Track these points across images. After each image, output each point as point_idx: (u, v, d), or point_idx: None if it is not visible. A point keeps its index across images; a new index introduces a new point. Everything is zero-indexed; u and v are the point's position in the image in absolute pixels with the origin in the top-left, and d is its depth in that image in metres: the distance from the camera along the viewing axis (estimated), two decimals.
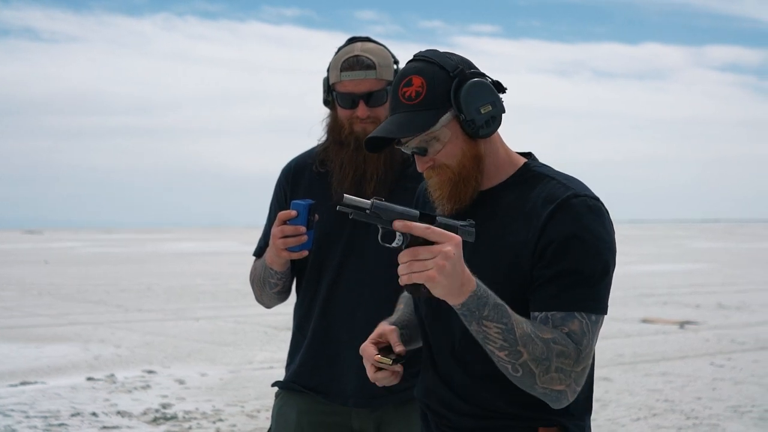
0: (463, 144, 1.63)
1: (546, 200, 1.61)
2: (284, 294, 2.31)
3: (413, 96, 1.61)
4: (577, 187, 1.63)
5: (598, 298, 1.58)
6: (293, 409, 2.26)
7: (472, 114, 1.60)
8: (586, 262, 1.57)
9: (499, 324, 1.51)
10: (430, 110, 1.60)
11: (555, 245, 1.57)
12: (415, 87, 1.61)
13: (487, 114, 1.62)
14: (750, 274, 19.03)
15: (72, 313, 11.82)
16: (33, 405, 6.17)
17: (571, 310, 1.56)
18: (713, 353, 8.47)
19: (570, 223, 1.58)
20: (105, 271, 20.47)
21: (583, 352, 1.55)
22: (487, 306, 1.51)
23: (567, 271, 1.57)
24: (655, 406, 6.17)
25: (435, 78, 1.61)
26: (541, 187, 1.64)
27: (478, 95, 1.61)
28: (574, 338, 1.55)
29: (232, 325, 10.54)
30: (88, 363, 7.92)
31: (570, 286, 1.57)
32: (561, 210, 1.59)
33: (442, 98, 1.61)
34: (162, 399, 6.42)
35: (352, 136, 2.21)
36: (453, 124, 1.62)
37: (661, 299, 13.43)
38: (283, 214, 2.11)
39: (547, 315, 1.57)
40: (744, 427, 5.59)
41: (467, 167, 1.63)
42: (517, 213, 1.63)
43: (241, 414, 6.00)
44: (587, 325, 1.56)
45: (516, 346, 1.51)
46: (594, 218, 1.60)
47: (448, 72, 1.62)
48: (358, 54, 2.21)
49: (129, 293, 14.65)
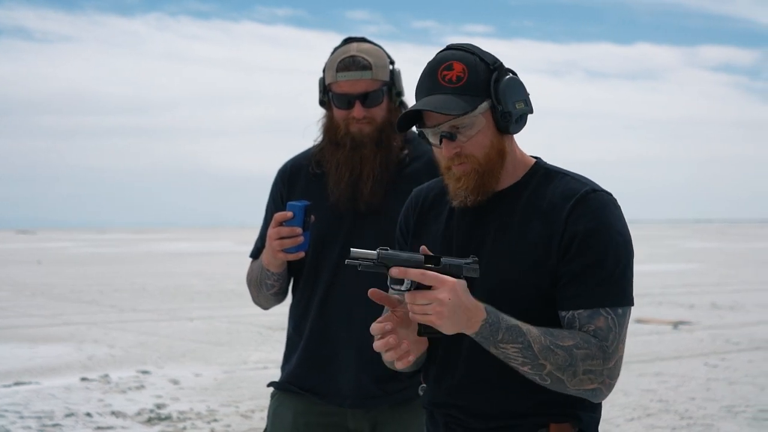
0: (493, 136, 1.65)
1: (564, 196, 1.64)
2: (281, 295, 2.30)
3: (454, 79, 1.62)
4: (591, 183, 1.67)
5: (622, 290, 1.62)
6: (289, 410, 2.26)
7: (509, 107, 1.63)
8: (608, 255, 1.61)
9: (516, 344, 1.56)
10: (471, 95, 1.62)
11: (578, 240, 1.61)
12: (457, 71, 1.63)
13: (521, 110, 1.65)
14: (744, 274, 19.07)
15: (66, 313, 11.79)
16: (27, 405, 6.15)
17: (596, 307, 1.60)
18: (707, 353, 8.49)
19: (591, 217, 1.61)
20: (99, 271, 20.43)
21: (611, 347, 1.59)
22: (500, 330, 1.55)
23: (590, 266, 1.60)
24: (649, 407, 6.18)
25: (477, 66, 1.63)
26: (557, 184, 1.66)
27: (516, 90, 1.64)
28: (600, 335, 1.59)
29: (226, 326, 10.52)
30: (82, 363, 7.90)
31: (595, 283, 1.60)
32: (580, 204, 1.62)
33: (483, 86, 1.63)
34: (156, 399, 6.41)
35: (348, 137, 2.21)
36: (488, 114, 1.64)
37: (655, 299, 13.46)
38: (279, 215, 2.10)
39: (574, 314, 1.61)
40: (738, 427, 5.60)
41: (493, 160, 1.65)
42: (535, 211, 1.65)
43: (235, 414, 5.99)
44: (613, 320, 1.60)
45: (537, 360, 1.56)
46: (612, 211, 1.64)
47: (487, 64, 1.64)
48: (354, 54, 2.20)
49: (123, 293, 14.63)
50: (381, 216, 2.20)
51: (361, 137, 2.20)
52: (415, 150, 2.25)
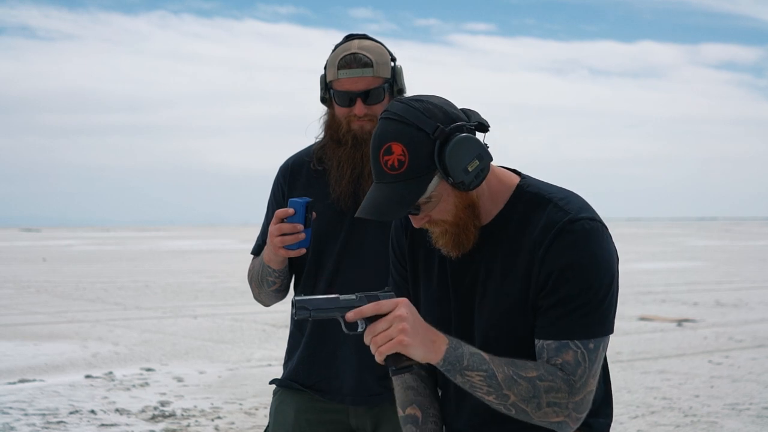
0: (455, 198, 1.59)
1: (545, 228, 1.60)
2: (282, 292, 2.31)
3: (396, 165, 1.54)
4: (573, 209, 1.61)
5: (597, 321, 1.58)
6: (291, 407, 2.26)
7: (460, 176, 1.55)
8: (583, 288, 1.58)
9: (480, 372, 1.54)
10: (416, 179, 1.55)
11: (554, 276, 1.58)
12: (396, 155, 1.54)
13: (475, 170, 1.56)
14: (747, 272, 19.04)
15: (70, 310, 11.81)
16: (31, 403, 6.16)
17: (565, 339, 1.57)
18: (711, 351, 8.48)
19: (568, 252, 1.58)
20: (102, 268, 20.46)
21: (578, 382, 1.56)
22: (464, 356, 1.54)
23: (564, 299, 1.57)
24: (653, 404, 6.18)
25: (415, 143, 1.54)
26: (539, 214, 1.62)
27: (464, 154, 1.54)
28: (567, 369, 1.57)
29: (230, 323, 10.53)
30: (87, 361, 7.92)
31: (565, 314, 1.57)
32: (558, 238, 1.58)
33: (426, 163, 1.54)
34: (160, 396, 6.42)
35: (350, 134, 2.21)
36: (442, 183, 1.57)
37: (659, 297, 13.44)
38: (281, 212, 2.10)
39: (543, 344, 1.59)
40: (742, 425, 5.60)
41: (463, 217, 1.61)
42: (520, 247, 1.62)
43: (239, 411, 6.00)
44: (582, 354, 1.57)
45: (501, 390, 1.54)
46: (591, 241, 1.58)
47: (427, 134, 1.54)
48: (355, 52, 2.20)
49: (127, 291, 14.64)
50: None
51: (363, 135, 2.20)
52: None
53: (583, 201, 1.65)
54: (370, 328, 1.52)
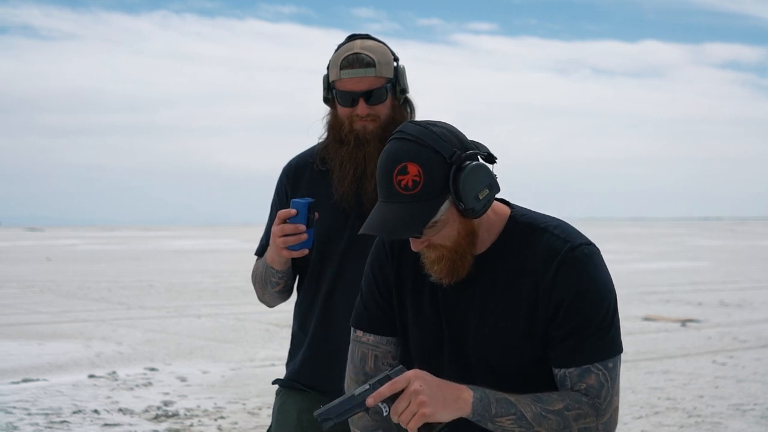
0: (459, 225, 1.60)
1: (547, 257, 1.62)
2: (286, 293, 2.30)
3: (410, 185, 1.54)
4: (570, 237, 1.64)
5: (611, 343, 1.63)
6: (294, 408, 2.26)
7: (471, 203, 1.56)
8: (595, 313, 1.61)
9: (509, 416, 1.57)
10: (429, 201, 1.55)
11: (565, 305, 1.61)
12: (412, 176, 1.54)
13: (485, 198, 1.58)
14: (751, 272, 19.01)
15: (73, 310, 11.83)
16: (35, 402, 6.17)
17: (586, 364, 1.61)
18: (715, 351, 8.46)
19: (574, 280, 1.61)
20: (106, 268, 20.48)
21: (603, 403, 1.61)
22: (492, 404, 1.57)
23: (578, 327, 1.61)
24: (657, 404, 6.16)
25: (432, 165, 1.54)
26: (537, 243, 1.64)
27: (477, 181, 1.56)
28: (592, 393, 1.61)
29: (233, 323, 10.54)
30: (90, 360, 7.93)
31: (583, 341, 1.61)
32: (564, 266, 1.61)
33: (440, 185, 1.55)
34: (164, 396, 6.43)
35: (353, 134, 2.20)
36: (450, 209, 1.58)
37: (663, 297, 13.42)
38: (283, 212, 2.10)
39: (565, 373, 1.62)
40: (746, 425, 5.58)
41: (463, 245, 1.61)
42: (520, 275, 1.64)
43: (242, 411, 6.00)
44: (604, 375, 1.62)
45: (532, 428, 1.58)
46: (594, 266, 1.63)
47: (444, 158, 1.55)
48: (357, 51, 2.19)
49: (130, 290, 14.66)
50: None
51: (365, 135, 2.20)
52: None
53: (574, 228, 1.68)
54: (392, 409, 1.55)
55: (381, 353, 1.77)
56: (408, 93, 2.25)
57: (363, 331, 1.78)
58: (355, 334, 1.79)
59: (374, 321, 1.77)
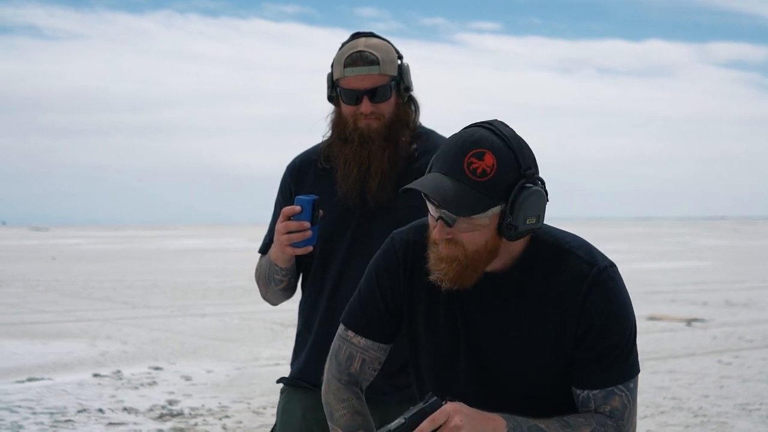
0: (490, 237, 1.57)
1: (574, 281, 1.62)
2: (289, 291, 2.30)
3: (479, 173, 1.52)
4: (595, 259, 1.64)
5: (632, 363, 1.65)
6: (298, 406, 2.25)
7: (518, 221, 1.55)
8: (621, 336, 1.63)
9: None
10: (488, 196, 1.53)
11: (595, 329, 1.61)
12: (486, 164, 1.52)
13: (530, 225, 1.57)
14: (757, 271, 18.97)
15: (78, 309, 11.84)
16: (40, 401, 6.18)
17: (611, 387, 1.62)
18: (721, 351, 8.45)
19: (604, 304, 1.61)
20: (111, 267, 20.51)
21: (626, 424, 1.64)
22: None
23: (606, 351, 1.62)
24: (662, 404, 6.15)
25: (508, 166, 1.53)
26: (563, 266, 1.63)
27: (534, 206, 1.56)
28: (616, 415, 1.63)
29: (238, 322, 10.54)
30: (95, 359, 7.93)
31: (609, 364, 1.62)
32: (592, 291, 1.61)
33: (503, 190, 1.53)
34: (168, 395, 6.43)
35: (357, 132, 2.20)
36: (495, 217, 1.55)
37: (668, 297, 13.40)
38: (288, 209, 2.10)
39: (589, 394, 1.63)
40: (752, 425, 5.57)
41: (481, 257, 1.58)
42: (544, 297, 1.63)
43: (247, 410, 6.00)
44: (627, 396, 1.64)
45: None
46: (620, 290, 1.64)
47: (520, 167, 1.54)
48: (361, 49, 2.19)
49: (135, 290, 14.67)
50: (389, 211, 2.19)
51: (369, 133, 2.19)
52: (424, 145, 2.24)
53: (595, 247, 1.68)
54: None
55: (369, 358, 1.76)
56: (412, 91, 2.25)
57: (355, 332, 1.75)
58: (346, 332, 1.76)
59: (370, 325, 1.74)
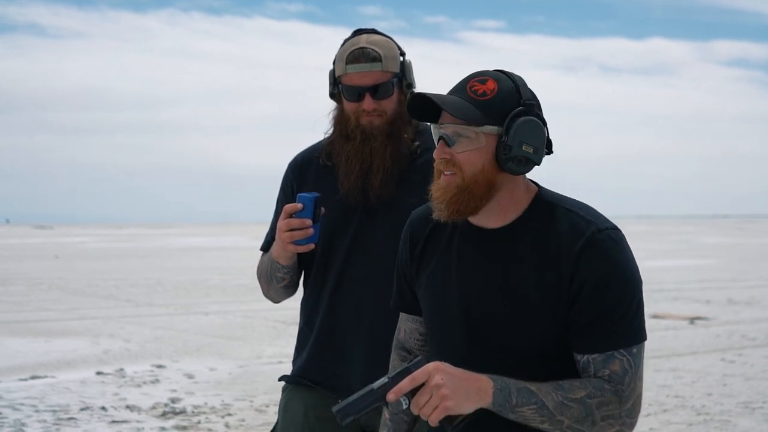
0: (487, 162, 1.61)
1: (570, 238, 1.61)
2: (291, 288, 2.29)
3: (479, 93, 1.61)
4: (596, 219, 1.63)
5: (635, 329, 1.62)
6: (300, 404, 2.25)
7: (513, 144, 1.59)
8: (620, 299, 1.60)
9: (530, 406, 1.56)
10: (485, 113, 1.60)
11: (589, 287, 1.59)
12: (487, 87, 1.61)
13: (524, 153, 1.60)
14: (760, 270, 18.95)
15: (81, 307, 11.86)
16: (43, 399, 6.18)
17: (611, 351, 1.60)
18: (724, 349, 8.44)
19: (601, 263, 1.59)
20: (114, 266, 20.53)
21: (627, 390, 1.60)
22: (512, 394, 1.56)
23: (603, 312, 1.59)
24: (665, 402, 6.15)
25: (507, 94, 1.61)
26: (561, 222, 1.63)
27: (531, 133, 1.60)
28: (615, 379, 1.60)
29: (241, 320, 10.55)
30: (98, 357, 7.94)
31: (608, 328, 1.59)
32: (589, 248, 1.60)
33: (501, 112, 1.60)
34: (171, 393, 6.44)
35: (359, 129, 2.19)
36: (492, 139, 1.60)
37: (671, 295, 13.39)
38: (289, 207, 2.09)
39: (588, 359, 1.61)
40: (755, 423, 5.56)
41: (478, 184, 1.61)
42: (541, 254, 1.62)
43: (249, 408, 6.01)
44: (628, 361, 1.60)
45: (554, 417, 1.57)
46: (620, 251, 1.62)
47: (520, 97, 1.62)
48: (363, 46, 2.18)
49: (138, 288, 14.69)
50: (391, 208, 2.18)
51: (372, 130, 2.19)
52: (426, 142, 2.23)
53: (599, 213, 1.67)
54: (413, 403, 1.55)
55: (408, 329, 1.83)
56: (415, 88, 2.24)
57: (395, 308, 1.85)
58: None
59: (401, 300, 1.82)
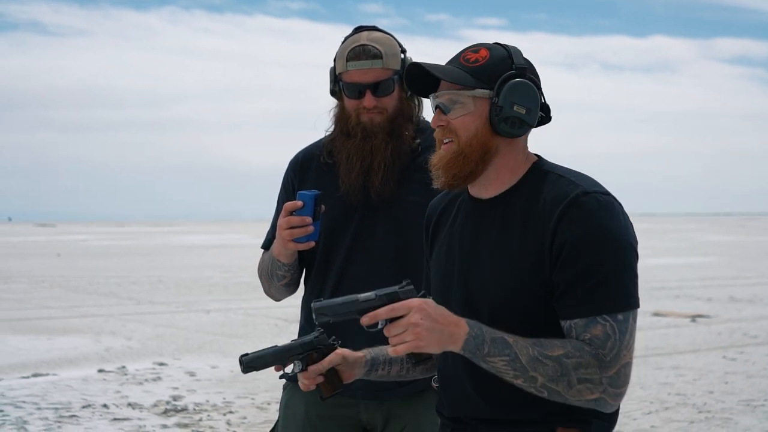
0: (481, 126, 1.62)
1: (554, 200, 1.59)
2: (292, 286, 2.29)
3: (471, 60, 1.64)
4: (585, 184, 1.60)
5: (621, 295, 1.56)
6: (301, 402, 2.25)
7: (504, 102, 1.60)
8: (602, 261, 1.55)
9: (503, 357, 1.53)
10: (476, 78, 1.62)
11: (568, 247, 1.56)
12: (479, 55, 1.65)
13: (516, 113, 1.60)
14: (762, 267, 18.93)
15: (83, 305, 11.87)
16: (44, 397, 6.19)
17: (592, 315, 1.55)
18: (725, 346, 8.43)
19: (581, 223, 1.56)
20: (116, 263, 20.54)
21: (608, 355, 1.54)
22: (485, 343, 1.53)
23: (583, 273, 1.55)
24: (666, 400, 6.15)
25: (499, 59, 1.64)
26: (549, 187, 1.62)
27: (523, 94, 1.61)
28: (596, 343, 1.54)
29: (242, 318, 10.56)
30: (100, 355, 7.95)
31: (589, 290, 1.55)
32: (570, 209, 1.57)
33: (492, 77, 1.62)
34: (173, 391, 6.44)
35: (360, 127, 2.19)
36: (484, 103, 1.62)
37: (673, 292, 13.38)
38: (290, 204, 2.09)
39: (571, 324, 1.56)
40: (757, 421, 5.56)
41: (473, 148, 1.62)
42: (528, 218, 1.61)
43: (251, 406, 6.01)
44: (612, 327, 1.54)
45: (527, 373, 1.53)
46: (605, 214, 1.57)
47: (512, 62, 1.64)
48: (364, 43, 2.18)
49: (140, 286, 14.70)
50: (392, 206, 2.18)
51: (372, 127, 2.18)
52: (427, 139, 2.22)
53: (596, 181, 1.65)
54: (386, 330, 1.55)
55: None
56: None
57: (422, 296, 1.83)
58: None
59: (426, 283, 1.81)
